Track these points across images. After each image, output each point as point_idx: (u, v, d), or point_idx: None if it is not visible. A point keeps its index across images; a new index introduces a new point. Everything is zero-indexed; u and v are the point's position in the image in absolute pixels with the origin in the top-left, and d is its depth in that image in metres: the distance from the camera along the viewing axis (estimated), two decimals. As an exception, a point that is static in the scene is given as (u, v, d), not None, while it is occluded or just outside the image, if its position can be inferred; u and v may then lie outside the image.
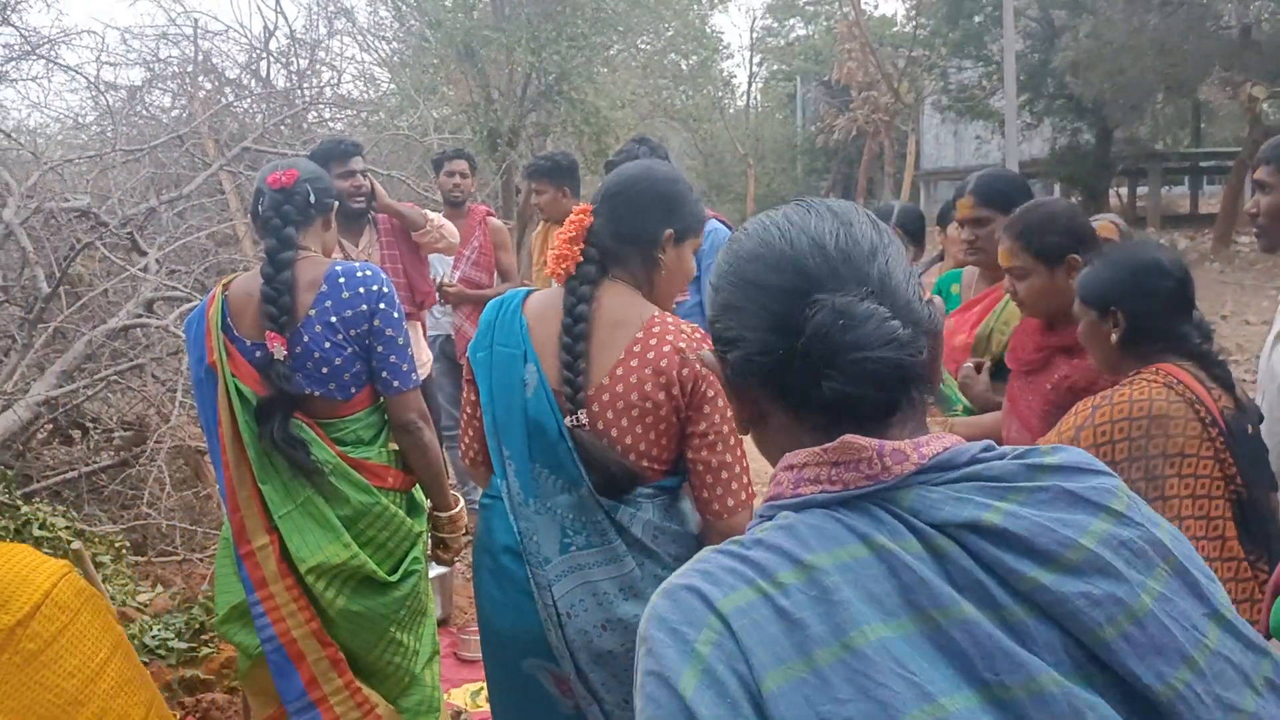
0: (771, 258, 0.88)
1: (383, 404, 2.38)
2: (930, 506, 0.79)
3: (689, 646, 0.74)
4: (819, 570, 0.75)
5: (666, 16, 17.86)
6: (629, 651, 1.79)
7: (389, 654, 2.35)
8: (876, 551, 0.77)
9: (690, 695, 0.72)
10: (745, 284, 0.89)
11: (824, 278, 0.85)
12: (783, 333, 0.84)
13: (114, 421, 4.90)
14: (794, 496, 0.83)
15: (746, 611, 0.74)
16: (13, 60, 5.56)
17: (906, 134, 25.32)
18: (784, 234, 0.89)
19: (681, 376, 1.79)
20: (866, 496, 0.80)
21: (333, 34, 12.94)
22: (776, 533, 0.80)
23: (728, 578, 0.77)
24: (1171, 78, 16.53)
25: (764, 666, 0.72)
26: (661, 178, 1.93)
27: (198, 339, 2.30)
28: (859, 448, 0.81)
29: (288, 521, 2.25)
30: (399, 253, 4.25)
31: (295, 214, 2.31)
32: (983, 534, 0.78)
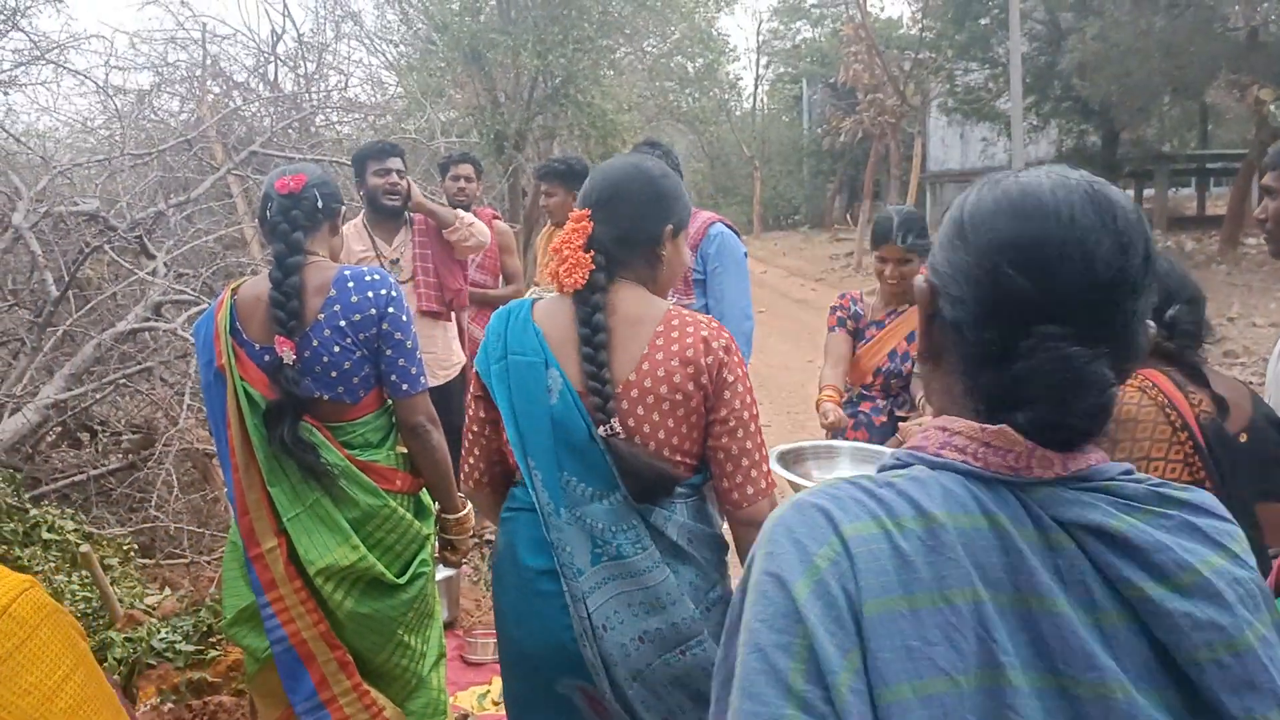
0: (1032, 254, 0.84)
1: (390, 407, 2.39)
2: (1060, 504, 0.84)
3: (809, 558, 0.80)
4: (939, 526, 0.81)
5: (673, 19, 17.87)
6: (667, 665, 1.77)
7: (396, 656, 2.36)
8: (995, 528, 0.82)
9: (803, 600, 0.78)
10: (990, 266, 0.86)
11: (1067, 306, 0.83)
12: (1001, 331, 0.85)
13: (122, 424, 4.92)
14: (935, 455, 0.88)
15: (867, 541, 0.80)
16: (22, 65, 5.59)
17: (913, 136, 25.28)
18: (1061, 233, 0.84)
19: (708, 364, 1.79)
20: (1001, 481, 0.85)
21: (340, 38, 13.00)
22: (909, 482, 0.85)
23: (855, 507, 0.83)
24: (1178, 80, 16.49)
25: (870, 591, 0.78)
26: (654, 175, 1.93)
27: (206, 343, 2.32)
28: (1015, 441, 0.84)
29: (296, 524, 2.26)
30: (431, 252, 4.30)
31: (303, 219, 2.32)
32: (1103, 538, 0.82)
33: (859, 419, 3.30)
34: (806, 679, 0.76)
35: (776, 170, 33.83)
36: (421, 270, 4.27)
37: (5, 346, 5.09)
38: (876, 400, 3.32)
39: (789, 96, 35.53)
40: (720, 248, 3.64)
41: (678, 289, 3.66)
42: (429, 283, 4.28)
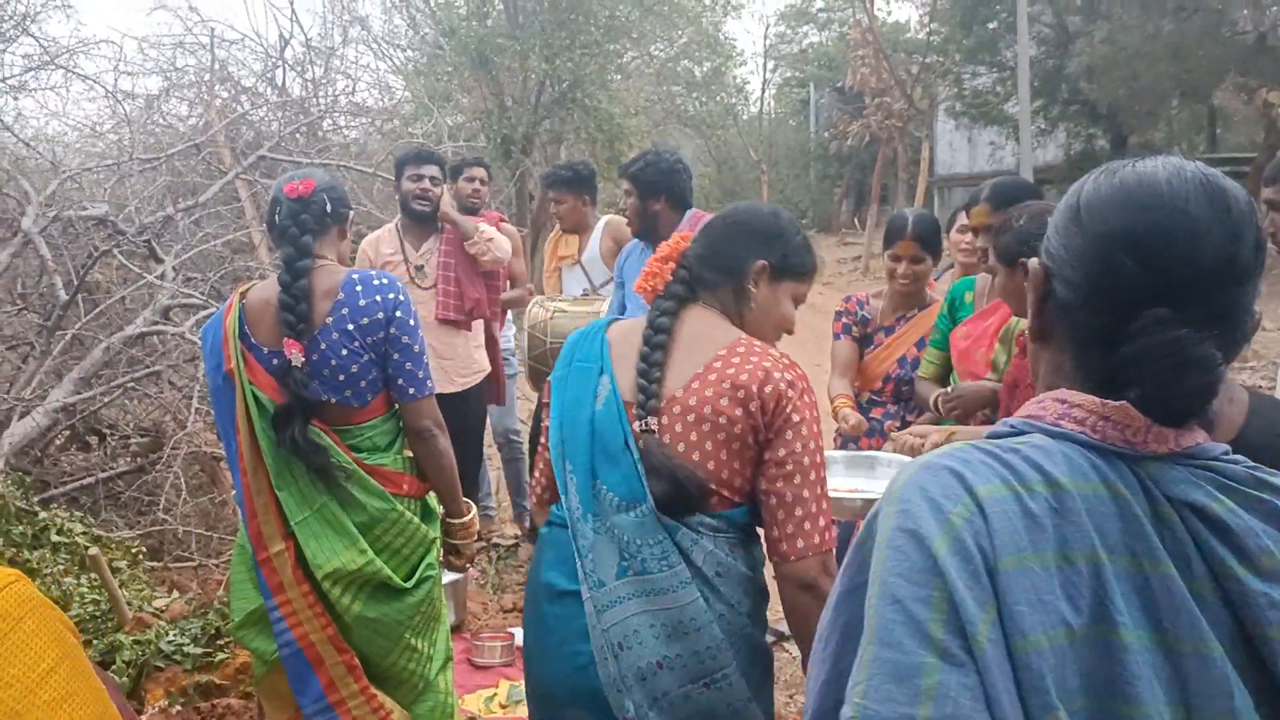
0: (1145, 240, 0.89)
1: (398, 411, 2.40)
2: (1169, 480, 0.89)
3: (944, 515, 0.84)
4: (1065, 491, 0.86)
5: (680, 24, 17.91)
6: (687, 699, 1.68)
7: (404, 660, 2.36)
8: (1114, 495, 0.88)
9: (941, 555, 0.82)
10: (1103, 251, 0.91)
11: (1177, 290, 0.88)
12: (1112, 313, 0.90)
13: (131, 428, 4.94)
14: (1054, 425, 0.92)
15: (999, 501, 0.85)
16: (32, 70, 5.62)
17: (920, 140, 25.25)
18: (1174, 220, 0.89)
19: (763, 394, 1.69)
20: (1116, 453, 0.90)
21: (348, 42, 13.02)
22: (1033, 449, 0.90)
23: (984, 470, 0.87)
24: (1186, 83, 16.45)
25: (1004, 548, 0.83)
26: (761, 212, 1.90)
27: (215, 347, 2.32)
28: (1133, 417, 0.89)
29: (304, 528, 2.27)
30: (455, 261, 4.35)
31: (312, 223, 2.33)
32: (1204, 518, 0.88)
33: (871, 426, 3.29)
34: (945, 629, 0.80)
35: (784, 174, 33.80)
36: (443, 279, 4.32)
37: (15, 350, 5.11)
38: (888, 406, 3.31)
39: (796, 100, 35.51)
40: None
41: None
42: (449, 291, 4.32)
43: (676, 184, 3.75)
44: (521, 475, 5.19)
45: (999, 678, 0.79)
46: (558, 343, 4.36)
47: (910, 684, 0.79)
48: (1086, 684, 0.83)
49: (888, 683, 0.80)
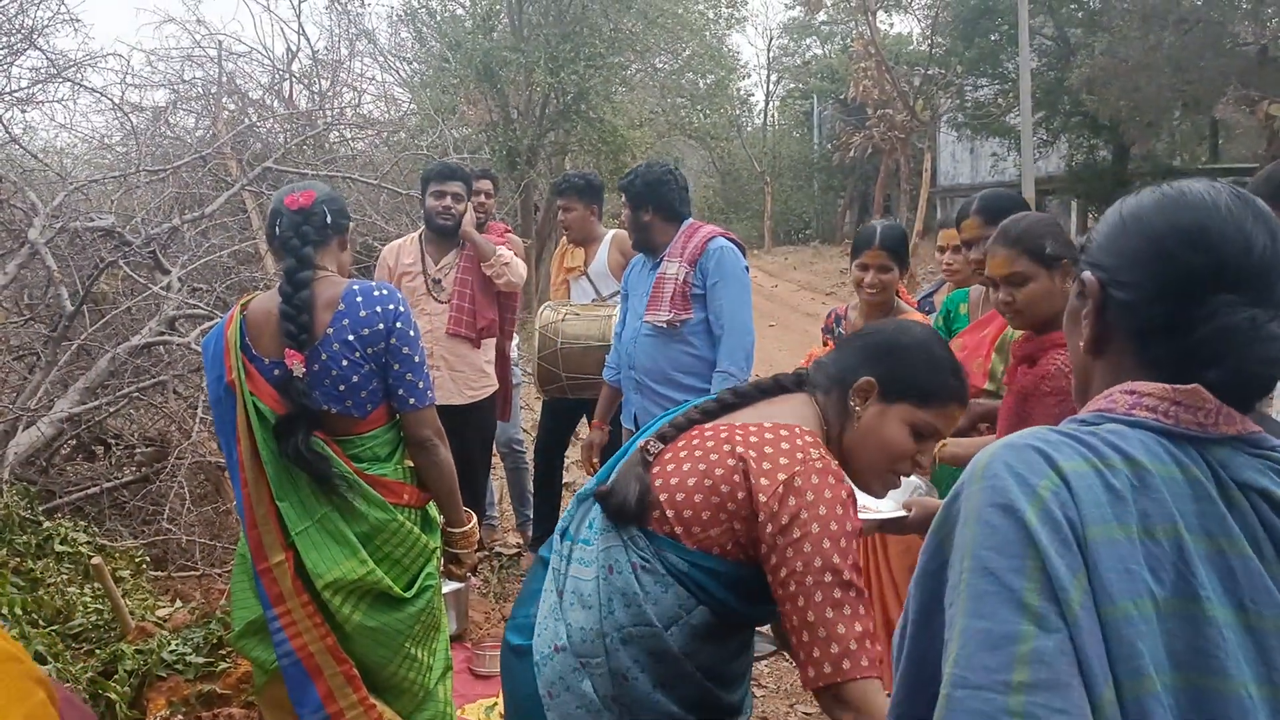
0: (1198, 237, 0.95)
1: (399, 421, 2.42)
2: (1238, 466, 0.94)
3: (1032, 488, 0.88)
4: (1145, 470, 0.91)
5: (684, 36, 17.97)
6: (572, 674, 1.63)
7: (404, 669, 2.38)
8: (1189, 478, 0.92)
9: (1033, 525, 0.86)
10: (1160, 249, 0.97)
11: (1235, 278, 0.94)
12: (1176, 303, 0.95)
13: (136, 438, 4.96)
14: (1127, 415, 0.96)
15: (1082, 476, 0.89)
16: (39, 83, 5.67)
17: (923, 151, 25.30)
18: (1219, 221, 0.95)
19: (762, 485, 1.55)
20: (1188, 439, 0.94)
21: (354, 55, 13.10)
22: (1110, 433, 0.94)
23: (1066, 449, 0.91)
24: (1188, 95, 16.47)
25: (1091, 519, 0.87)
26: (905, 329, 1.78)
27: (216, 358, 2.35)
28: (1206, 399, 0.94)
29: (304, 538, 2.28)
30: (472, 279, 4.39)
31: (313, 234, 2.35)
32: (1271, 502, 0.93)
33: None
34: (1041, 596, 0.83)
35: (787, 185, 33.86)
36: (459, 295, 4.36)
37: (21, 360, 5.14)
38: None
39: (799, 112, 35.59)
40: (720, 262, 3.66)
41: (675, 305, 3.67)
42: (463, 308, 4.36)
43: (664, 194, 3.75)
44: (524, 484, 5.20)
45: (1090, 642, 0.83)
46: (568, 344, 4.38)
47: (1005, 651, 0.82)
48: (1174, 658, 0.85)
49: (982, 651, 0.82)
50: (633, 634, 1.61)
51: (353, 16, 14.31)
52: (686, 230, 3.79)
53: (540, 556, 1.87)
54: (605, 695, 1.64)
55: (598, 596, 1.64)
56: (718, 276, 3.65)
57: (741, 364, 3.61)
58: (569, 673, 1.66)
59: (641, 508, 1.64)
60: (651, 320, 3.71)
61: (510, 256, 4.42)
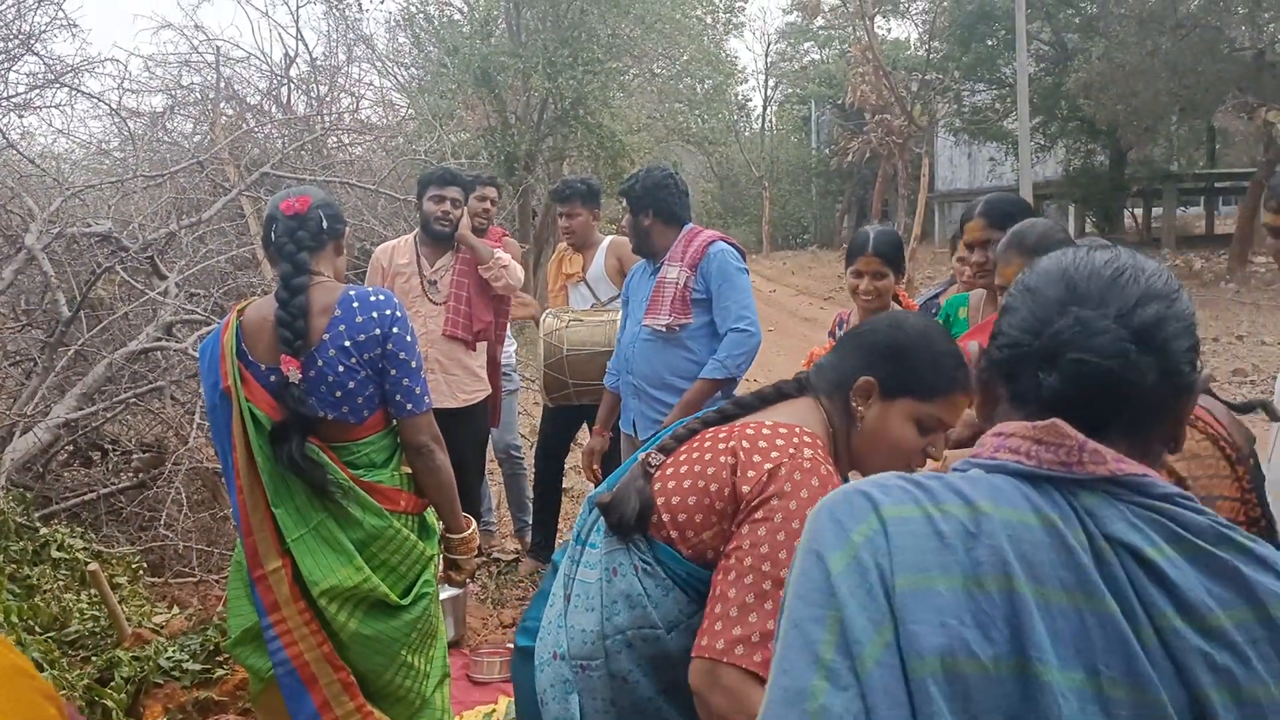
0: (1055, 274, 0.96)
1: (395, 427, 2.40)
2: (1105, 517, 0.85)
3: (846, 534, 0.85)
4: (985, 516, 0.84)
5: (682, 42, 18.01)
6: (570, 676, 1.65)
7: (400, 677, 2.36)
8: (1046, 525, 0.84)
9: (837, 573, 0.82)
10: (1026, 290, 0.98)
11: (1086, 295, 0.93)
12: (1033, 333, 0.94)
13: (133, 443, 4.95)
14: (990, 459, 0.91)
15: (905, 521, 0.84)
16: (37, 88, 5.67)
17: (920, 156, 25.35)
18: (1076, 260, 0.96)
19: (750, 478, 1.54)
20: (1053, 480, 0.87)
21: (352, 60, 13.11)
22: (959, 479, 0.89)
23: (898, 493, 0.87)
24: (1185, 100, 16.52)
25: (904, 567, 0.81)
26: (899, 323, 1.74)
27: (212, 364, 2.34)
28: (1065, 434, 0.87)
29: (300, 545, 2.27)
30: (468, 281, 4.38)
31: (309, 240, 2.35)
32: (1141, 562, 0.83)
33: None
34: (836, 650, 0.79)
35: (785, 190, 33.93)
36: (455, 297, 4.36)
37: (18, 366, 5.13)
38: None
39: (797, 117, 35.68)
40: (720, 266, 3.66)
41: (675, 309, 3.66)
42: (460, 310, 4.35)
43: (663, 198, 3.75)
44: (522, 490, 5.19)
45: (883, 701, 0.77)
46: (574, 351, 4.37)
47: (798, 708, 0.79)
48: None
49: (780, 706, 0.80)
50: (635, 636, 1.61)
51: (351, 22, 14.35)
52: (687, 235, 3.79)
53: (554, 560, 1.87)
54: (595, 710, 1.63)
55: (600, 599, 1.64)
56: (721, 279, 3.65)
57: (740, 360, 3.59)
58: (559, 683, 1.66)
59: (642, 522, 1.64)
60: (651, 324, 3.71)
61: (508, 259, 4.43)
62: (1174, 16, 16.10)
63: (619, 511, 1.65)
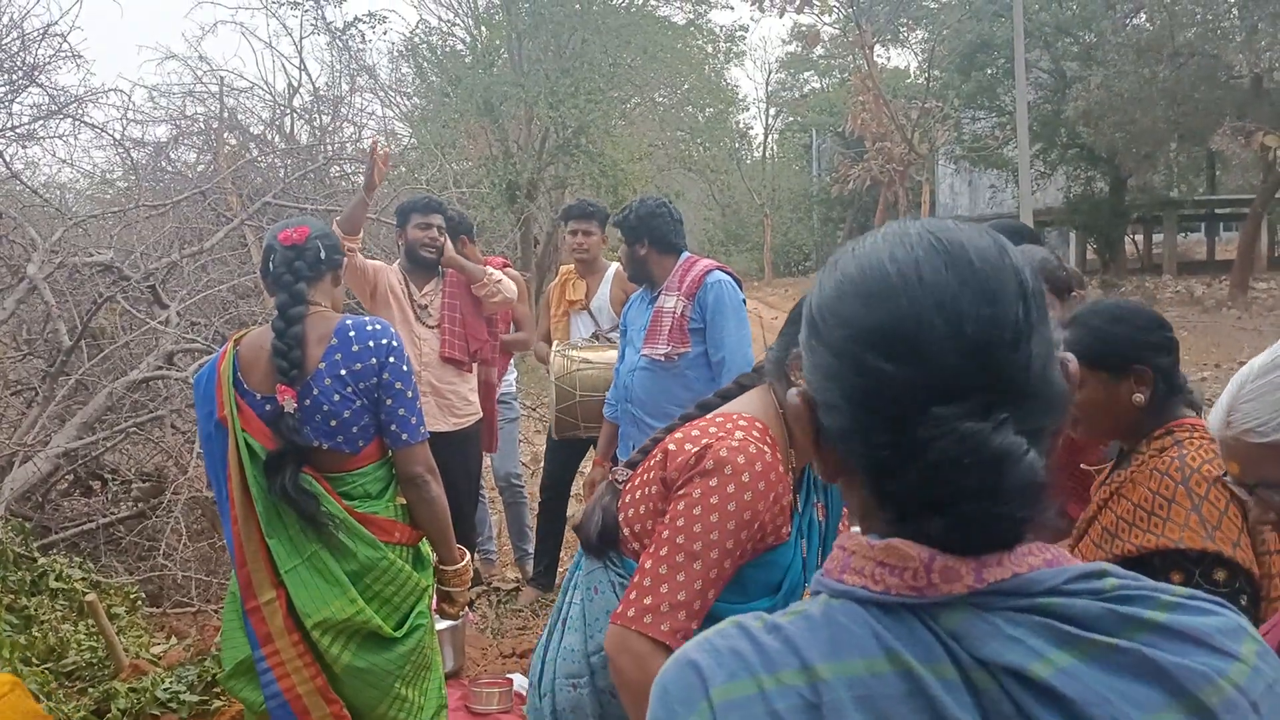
0: (895, 335, 0.72)
1: (390, 458, 2.40)
2: (975, 636, 0.69)
3: None
4: (823, 683, 0.70)
5: (683, 71, 18.18)
6: (562, 690, 1.70)
7: (393, 710, 2.35)
8: (901, 671, 0.69)
9: None
10: (855, 357, 0.74)
11: (953, 377, 0.70)
12: (889, 429, 0.72)
13: (133, 473, 4.95)
14: (837, 581, 0.75)
15: (737, 706, 0.71)
16: (41, 119, 5.72)
17: (921, 183, 25.46)
18: (913, 302, 0.72)
19: (679, 460, 1.58)
20: (907, 607, 0.71)
21: (355, 90, 13.22)
22: (799, 622, 0.74)
23: (732, 661, 0.73)
24: (1184, 127, 16.62)
25: None
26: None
27: (208, 394, 2.34)
28: (904, 555, 0.71)
29: (294, 576, 2.26)
30: (459, 303, 4.39)
31: (306, 270, 2.36)
32: (1024, 684, 0.68)
33: None
34: None
35: (787, 217, 34.06)
36: (449, 319, 4.36)
37: (19, 395, 5.14)
38: None
39: (798, 145, 35.88)
40: (718, 296, 3.66)
41: (673, 338, 3.67)
42: (454, 331, 4.35)
43: (658, 227, 3.76)
44: (523, 519, 5.17)
45: None
46: (587, 396, 4.35)
47: None
48: None
49: None
50: None
51: (354, 52, 14.49)
52: (684, 264, 3.80)
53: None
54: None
55: (584, 618, 1.71)
56: (717, 309, 3.65)
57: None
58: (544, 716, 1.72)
59: (605, 540, 1.69)
60: (649, 354, 3.71)
61: (500, 275, 4.43)
62: (1171, 45, 16.23)
63: (585, 531, 1.72)
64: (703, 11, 18.47)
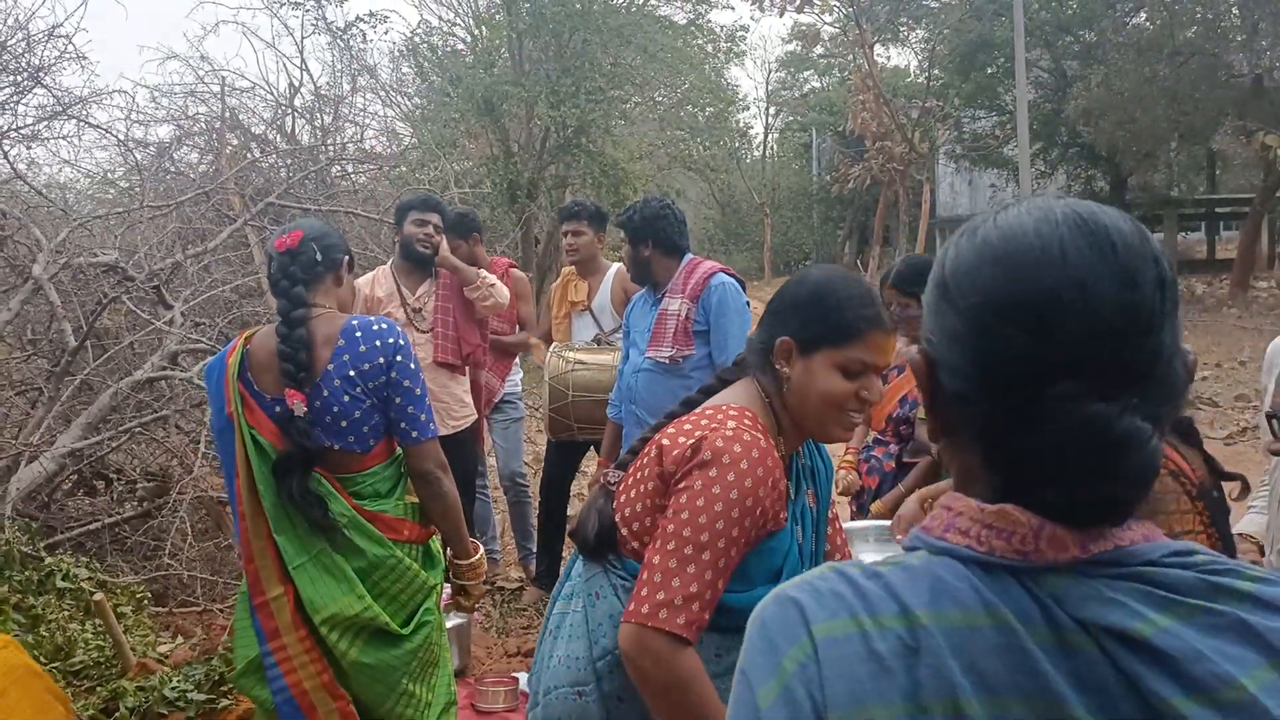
0: (1032, 309, 0.73)
1: (400, 457, 2.42)
2: (1077, 599, 0.72)
3: (777, 660, 0.76)
4: (924, 629, 0.72)
5: (683, 70, 18.16)
6: (563, 699, 1.69)
7: (400, 706, 2.36)
8: (998, 626, 0.72)
9: (765, 707, 0.74)
10: (988, 325, 0.75)
11: (1081, 358, 0.72)
12: (1009, 395, 0.74)
13: (138, 473, 4.96)
14: (939, 539, 0.78)
15: (838, 643, 0.74)
16: (44, 120, 5.73)
17: (921, 183, 25.46)
18: (1051, 279, 0.73)
19: (674, 456, 1.61)
20: (1008, 569, 0.74)
21: (356, 90, 13.23)
22: (899, 572, 0.77)
23: (833, 602, 0.76)
24: (1184, 126, 16.63)
25: (837, 701, 0.72)
26: (801, 278, 1.77)
27: (218, 389, 2.36)
28: (1014, 521, 0.74)
29: (302, 573, 2.28)
30: (452, 306, 4.40)
31: (301, 273, 2.37)
32: (1126, 643, 0.70)
33: (872, 464, 3.31)
34: None
35: (786, 217, 34.05)
36: (441, 323, 4.36)
37: (23, 395, 5.15)
38: (889, 445, 3.33)
39: (798, 144, 35.87)
40: (721, 299, 3.69)
41: (678, 340, 3.69)
42: (447, 335, 4.36)
43: (662, 229, 3.79)
44: (527, 518, 5.19)
45: None
46: (579, 396, 4.37)
47: None
48: None
49: None
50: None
51: (355, 52, 14.50)
52: (688, 266, 3.82)
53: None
54: None
55: (585, 625, 1.69)
56: (721, 312, 3.68)
57: None
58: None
59: (603, 540, 1.70)
60: (654, 356, 3.73)
61: (494, 279, 4.44)
62: (1172, 44, 16.24)
63: (581, 534, 1.71)
64: (703, 11, 18.48)
